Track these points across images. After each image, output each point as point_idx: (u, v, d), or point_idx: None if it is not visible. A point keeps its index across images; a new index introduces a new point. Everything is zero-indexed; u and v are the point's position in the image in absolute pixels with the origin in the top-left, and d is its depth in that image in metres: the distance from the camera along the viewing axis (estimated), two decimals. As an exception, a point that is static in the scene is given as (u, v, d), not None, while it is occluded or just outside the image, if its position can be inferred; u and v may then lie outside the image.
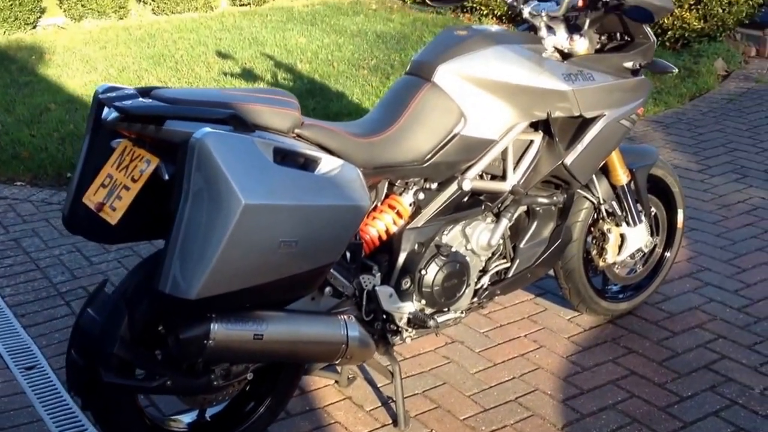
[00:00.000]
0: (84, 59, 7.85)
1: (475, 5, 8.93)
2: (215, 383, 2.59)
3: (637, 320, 3.60)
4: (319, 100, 6.49)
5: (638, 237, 3.40)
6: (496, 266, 3.08)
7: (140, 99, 2.37)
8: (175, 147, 2.28)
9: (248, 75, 7.10)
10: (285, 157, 2.38)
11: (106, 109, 2.39)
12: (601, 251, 3.36)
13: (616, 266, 3.48)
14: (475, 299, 3.05)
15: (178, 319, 2.42)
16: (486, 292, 3.06)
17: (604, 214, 3.34)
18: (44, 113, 6.29)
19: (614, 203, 3.34)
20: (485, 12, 8.81)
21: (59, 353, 3.43)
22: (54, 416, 3.07)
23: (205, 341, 2.40)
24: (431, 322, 2.84)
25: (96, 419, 2.62)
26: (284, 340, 2.55)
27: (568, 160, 3.01)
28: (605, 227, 3.34)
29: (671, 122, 6.06)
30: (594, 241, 3.38)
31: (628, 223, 3.37)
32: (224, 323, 2.42)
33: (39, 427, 3.01)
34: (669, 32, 7.47)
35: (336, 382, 3.18)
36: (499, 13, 8.70)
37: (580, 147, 3.02)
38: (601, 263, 3.39)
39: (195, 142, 2.20)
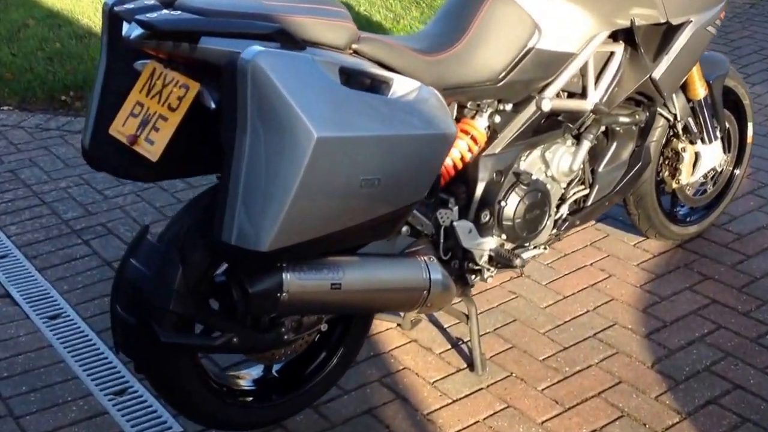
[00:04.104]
0: (56, -31, 7.32)
1: None
2: (286, 337, 2.32)
3: (706, 243, 3.37)
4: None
5: (713, 155, 3.15)
6: (574, 193, 2.81)
7: (165, 11, 2.01)
8: (216, 69, 1.96)
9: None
10: (349, 79, 2.06)
11: (125, 25, 2.05)
12: (675, 172, 3.12)
13: (688, 187, 3.24)
14: (554, 231, 2.79)
15: (245, 271, 2.13)
16: (566, 223, 2.81)
17: (680, 131, 3.08)
18: (23, 30, 5.82)
19: (690, 119, 3.08)
20: None
21: (85, 300, 3.14)
22: (91, 372, 2.79)
23: (278, 294, 2.12)
24: (517, 261, 2.57)
25: (153, 384, 2.36)
26: (364, 288, 2.28)
27: (657, 73, 2.73)
28: (680, 146, 3.09)
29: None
30: (666, 162, 3.13)
31: (703, 141, 3.12)
32: (297, 273, 2.14)
33: (76, 386, 2.73)
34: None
35: (398, 325, 2.93)
36: None
37: (667, 58, 2.75)
38: (674, 185, 3.15)
39: (246, 65, 1.86)
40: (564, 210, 2.79)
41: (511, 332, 2.92)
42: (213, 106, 2.01)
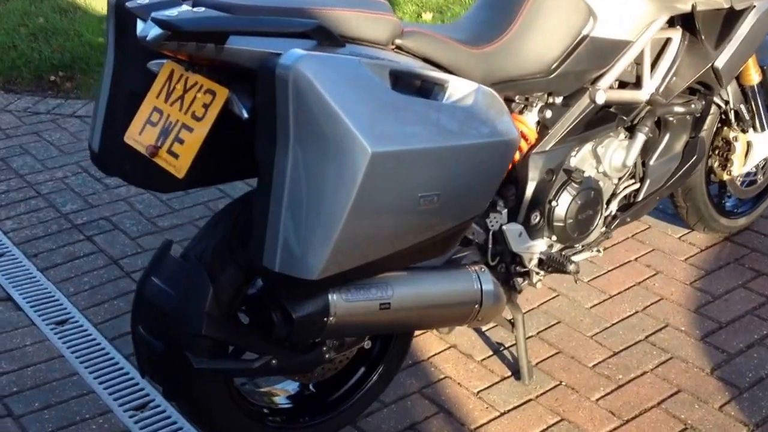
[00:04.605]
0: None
1: None
2: (327, 356, 2.13)
3: (755, 236, 3.19)
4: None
5: (766, 144, 2.96)
6: (624, 189, 2.62)
7: (185, 7, 1.77)
8: (246, 72, 1.75)
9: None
10: (397, 81, 1.84)
11: (139, 23, 1.82)
12: (725, 162, 2.93)
13: (738, 177, 3.06)
14: (603, 229, 2.60)
15: (289, 295, 1.93)
16: (616, 221, 2.62)
17: (732, 119, 2.89)
18: (2, 4, 5.54)
19: (742, 106, 2.89)
20: None
21: (94, 303, 2.93)
22: (108, 385, 2.58)
23: (325, 319, 1.93)
24: (572, 267, 2.38)
25: (185, 411, 2.18)
26: (414, 306, 2.09)
27: (720, 62, 2.54)
28: (731, 135, 2.90)
29: None
30: (717, 151, 2.94)
31: (755, 129, 2.93)
32: (345, 294, 1.95)
33: (93, 401, 2.52)
34: None
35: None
36: None
37: (730, 46, 2.55)
38: (725, 176, 2.96)
39: (287, 72, 1.64)
40: (614, 207, 2.60)
41: (555, 336, 2.74)
42: (245, 115, 1.79)
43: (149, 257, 3.11)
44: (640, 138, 2.52)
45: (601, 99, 2.37)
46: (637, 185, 2.64)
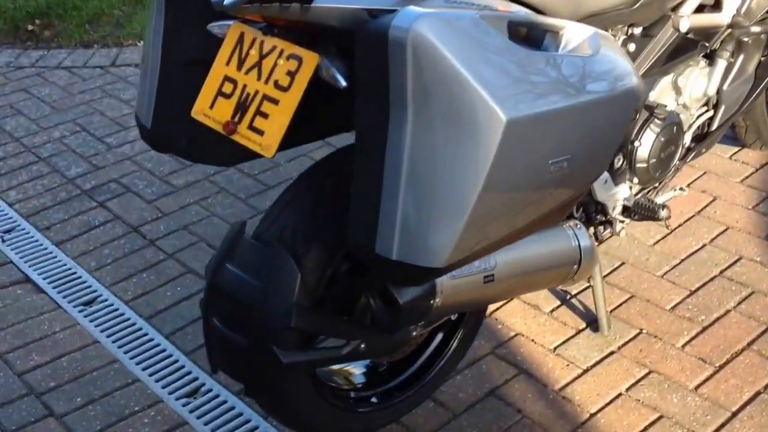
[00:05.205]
0: None
1: None
2: (414, 333, 1.95)
3: (812, 151, 3.04)
4: None
5: (830, 55, 2.78)
6: (699, 119, 2.44)
7: None
8: (334, 33, 1.54)
9: None
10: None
11: None
12: (787, 76, 2.74)
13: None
14: (677, 163, 2.42)
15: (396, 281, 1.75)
16: (691, 153, 2.44)
17: (793, 29, 2.69)
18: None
19: (802, 15, 2.69)
20: None
21: (121, 278, 2.72)
22: (152, 371, 2.39)
23: (431, 301, 1.77)
24: (663, 212, 2.21)
25: (268, 407, 2.01)
26: (517, 273, 1.92)
27: None
28: (791, 46, 2.71)
29: None
30: (776, 65, 2.75)
31: (819, 39, 2.73)
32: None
33: (140, 391, 2.32)
34: None
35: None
36: None
37: None
38: (786, 90, 2.77)
39: (405, 35, 1.41)
40: (688, 138, 2.42)
41: (623, 279, 2.57)
42: (343, 84, 1.57)
43: (171, 222, 2.94)
44: (721, 64, 2.35)
45: (685, 26, 2.16)
46: (711, 113, 2.46)
